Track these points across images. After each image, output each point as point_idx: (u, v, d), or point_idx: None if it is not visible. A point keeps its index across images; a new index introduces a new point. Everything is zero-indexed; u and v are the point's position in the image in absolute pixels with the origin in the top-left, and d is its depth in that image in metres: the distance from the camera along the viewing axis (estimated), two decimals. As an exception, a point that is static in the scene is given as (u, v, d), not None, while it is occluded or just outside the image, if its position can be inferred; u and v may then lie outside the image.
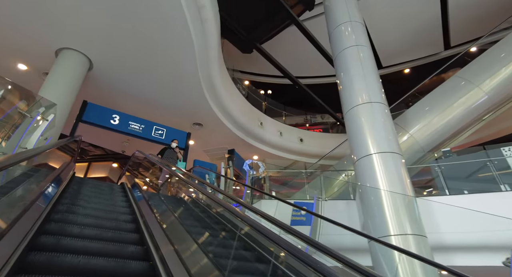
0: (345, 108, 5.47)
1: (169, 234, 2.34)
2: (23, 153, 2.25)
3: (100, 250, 2.00)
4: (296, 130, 11.75)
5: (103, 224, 2.58)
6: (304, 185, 8.56)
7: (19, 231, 1.59)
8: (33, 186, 2.71)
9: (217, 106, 8.79)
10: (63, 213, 2.59)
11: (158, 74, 7.32)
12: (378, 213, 4.22)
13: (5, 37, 6.23)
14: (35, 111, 4.11)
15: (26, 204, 1.89)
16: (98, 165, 14.65)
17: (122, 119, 7.64)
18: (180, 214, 3.71)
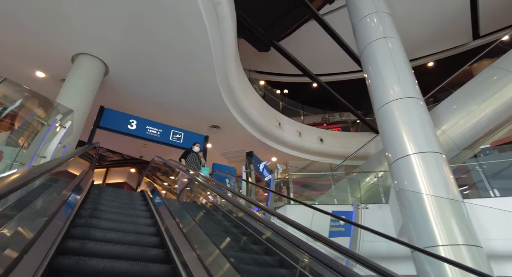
0: (376, 105, 5.07)
1: (201, 254, 2.09)
2: (48, 164, 2.07)
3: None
4: (315, 130, 11.34)
5: (127, 239, 2.35)
6: (327, 187, 8.18)
7: (48, 236, 1.68)
8: (55, 195, 2.70)
9: (235, 108, 8.53)
10: (83, 227, 2.36)
11: (175, 76, 7.12)
12: (421, 220, 3.80)
13: (23, 45, 6.18)
14: (52, 118, 3.95)
15: (51, 213, 1.96)
16: (116, 171, 14.71)
17: (140, 124, 7.49)
18: (210, 224, 3.44)
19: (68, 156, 3.91)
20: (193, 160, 6.60)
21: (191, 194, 4.88)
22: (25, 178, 1.31)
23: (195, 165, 6.52)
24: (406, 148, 4.32)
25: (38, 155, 4.22)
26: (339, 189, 7.61)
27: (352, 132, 12.35)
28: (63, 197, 2.50)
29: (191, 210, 3.90)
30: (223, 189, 3.93)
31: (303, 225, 2.20)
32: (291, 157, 10.60)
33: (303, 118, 12.70)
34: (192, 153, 6.77)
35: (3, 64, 6.69)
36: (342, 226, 4.00)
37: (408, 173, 4.23)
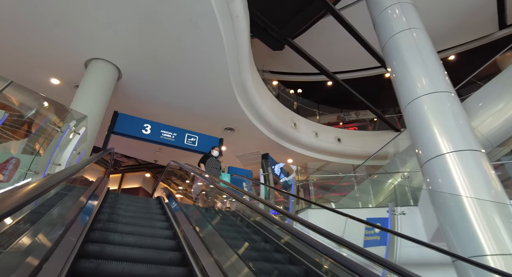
0: (403, 101, 4.72)
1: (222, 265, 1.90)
2: (65, 171, 1.95)
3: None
4: (332, 129, 10.98)
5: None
6: (347, 189, 7.82)
7: (69, 240, 1.74)
8: (73, 201, 2.68)
9: (249, 109, 8.31)
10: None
11: (188, 79, 6.97)
12: (463, 226, 3.44)
13: (38, 52, 6.17)
14: (65, 124, 3.82)
15: (70, 218, 2.01)
16: (131, 176, 14.76)
17: (154, 128, 7.37)
18: (231, 232, 3.22)
19: (83, 163, 3.76)
20: (212, 165, 6.15)
21: (208, 198, 4.66)
22: (44, 186, 1.23)
23: (215, 170, 6.08)
24: (440, 147, 3.97)
25: (53, 163, 4.11)
26: (361, 191, 7.25)
27: (370, 130, 11.90)
28: (80, 204, 2.49)
29: (213, 218, 3.70)
30: (243, 195, 3.71)
31: (346, 240, 1.92)
32: (308, 159, 10.29)
33: (319, 117, 12.34)
34: (211, 158, 6.34)
35: (20, 72, 6.71)
36: (377, 234, 3.68)
37: (443, 174, 3.88)
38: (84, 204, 2.57)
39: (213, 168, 6.08)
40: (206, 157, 6.33)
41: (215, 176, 5.73)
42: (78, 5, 5.09)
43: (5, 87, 2.88)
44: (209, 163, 6.14)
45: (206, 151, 8.00)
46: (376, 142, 10.72)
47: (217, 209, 4.77)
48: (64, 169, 4.04)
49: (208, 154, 6.51)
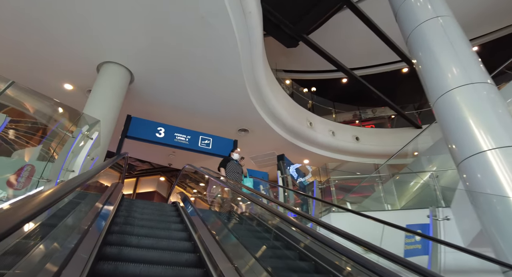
0: (432, 95, 4.36)
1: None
2: (81, 177, 1.87)
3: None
4: (349, 128, 10.60)
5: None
6: (369, 189, 7.44)
7: (89, 243, 1.81)
8: (89, 207, 2.67)
9: (263, 109, 8.06)
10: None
11: (201, 80, 6.80)
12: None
13: (51, 57, 6.14)
14: (77, 129, 3.68)
15: (87, 223, 2.05)
16: (146, 180, 14.76)
17: (168, 131, 7.23)
18: (253, 239, 2.97)
19: (99, 168, 3.60)
20: (233, 170, 5.61)
21: (229, 206, 4.37)
22: (62, 191, 1.20)
23: (237, 175, 5.56)
24: (480, 144, 3.59)
25: (66, 169, 3.98)
26: (384, 192, 6.87)
27: (389, 128, 11.43)
28: (93, 214, 2.40)
29: (239, 228, 3.47)
30: (268, 201, 3.46)
31: (387, 251, 1.65)
32: (325, 159, 9.94)
33: (335, 116, 11.96)
34: (232, 161, 5.77)
35: (34, 79, 6.70)
36: (418, 242, 3.33)
37: (484, 173, 3.51)
38: (97, 215, 2.38)
39: (234, 173, 5.55)
40: (226, 161, 5.77)
41: (237, 181, 5.27)
42: (89, 7, 4.99)
43: (6, 87, 2.73)
44: (229, 167, 5.61)
45: (220, 154, 7.82)
46: (395, 139, 10.28)
47: (239, 215, 4.54)
48: (80, 174, 3.90)
49: (228, 157, 5.94)
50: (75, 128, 3.66)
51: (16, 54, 6.10)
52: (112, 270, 1.84)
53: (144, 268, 1.88)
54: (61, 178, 3.49)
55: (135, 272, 1.85)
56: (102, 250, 2.05)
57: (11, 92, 6.36)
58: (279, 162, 7.82)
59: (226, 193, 4.24)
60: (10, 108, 7.97)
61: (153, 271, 1.89)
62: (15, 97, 5.97)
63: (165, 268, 1.92)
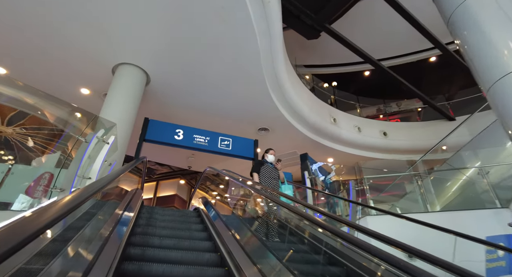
0: (485, 80, 3.79)
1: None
2: (99, 182, 1.77)
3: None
4: (376, 123, 9.98)
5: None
6: (401, 188, 6.85)
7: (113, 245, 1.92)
8: (110, 212, 2.60)
9: (284, 106, 7.64)
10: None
11: (219, 78, 6.49)
12: None
13: (66, 62, 6.03)
14: (91, 133, 3.41)
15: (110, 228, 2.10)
16: (165, 184, 14.68)
17: (186, 133, 6.95)
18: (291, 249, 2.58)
19: (115, 174, 3.32)
20: (269, 175, 4.44)
21: (262, 218, 3.81)
22: (83, 195, 1.19)
23: (273, 182, 4.43)
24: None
25: (83, 177, 3.73)
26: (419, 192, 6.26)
27: (419, 121, 10.68)
28: (109, 226, 2.24)
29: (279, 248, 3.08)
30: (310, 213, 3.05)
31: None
32: (350, 157, 9.39)
33: (359, 111, 11.34)
34: (267, 165, 4.58)
35: (51, 85, 6.62)
36: (501, 258, 2.76)
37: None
38: (109, 235, 2.06)
39: (270, 179, 4.40)
40: (259, 164, 4.61)
41: (273, 188, 4.22)
42: (102, 7, 4.78)
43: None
44: (264, 172, 4.45)
45: (241, 155, 7.46)
46: (426, 133, 9.58)
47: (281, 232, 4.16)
48: (97, 180, 3.65)
49: (261, 161, 4.77)
50: (88, 132, 3.39)
51: (32, 59, 6.02)
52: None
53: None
54: (76, 187, 3.23)
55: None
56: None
57: (31, 100, 6.29)
58: (304, 162, 7.36)
59: (260, 206, 3.50)
60: (31, 115, 7.96)
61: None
62: (35, 104, 5.87)
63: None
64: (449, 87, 12.35)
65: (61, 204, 0.96)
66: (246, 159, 7.54)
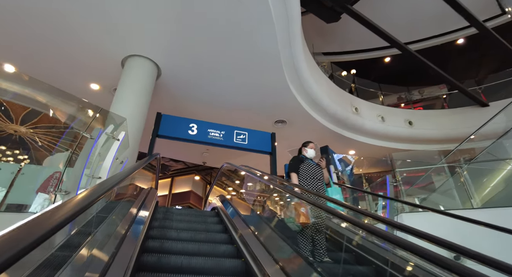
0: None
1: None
2: (112, 179, 1.59)
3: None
4: (400, 111, 9.36)
5: None
6: (430, 181, 6.29)
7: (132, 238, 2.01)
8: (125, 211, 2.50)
9: (303, 96, 7.18)
10: None
11: (233, 69, 6.10)
12: None
13: (75, 56, 5.78)
14: (96, 129, 3.09)
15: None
16: (180, 180, 14.52)
17: (200, 128, 6.61)
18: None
19: (126, 173, 3.00)
20: (311, 174, 3.33)
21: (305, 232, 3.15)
22: (89, 198, 1.04)
23: (318, 184, 3.30)
24: None
25: (92, 176, 3.43)
26: (455, 185, 5.70)
27: (447, 108, 9.96)
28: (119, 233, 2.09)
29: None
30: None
31: None
32: (373, 148, 8.85)
33: (382, 99, 10.70)
34: (307, 162, 3.46)
35: (60, 80, 6.40)
36: None
37: None
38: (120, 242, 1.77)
39: (313, 180, 3.30)
40: (298, 161, 3.51)
41: (318, 191, 3.22)
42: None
43: None
44: (305, 172, 3.37)
45: (257, 149, 7.06)
46: (456, 121, 8.89)
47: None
48: (108, 178, 3.36)
49: (299, 157, 3.62)
50: (95, 127, 3.07)
51: (39, 54, 5.79)
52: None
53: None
54: (84, 187, 2.93)
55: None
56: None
57: (40, 97, 6.08)
58: (327, 155, 6.89)
59: (305, 216, 2.53)
60: (44, 114, 7.79)
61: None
62: (41, 99, 5.65)
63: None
64: (477, 71, 11.50)
65: (73, 203, 0.92)
66: (263, 154, 7.15)
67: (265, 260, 1.99)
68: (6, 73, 5.25)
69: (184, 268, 2.09)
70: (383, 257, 2.29)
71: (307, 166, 3.40)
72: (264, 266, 1.90)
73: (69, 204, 0.89)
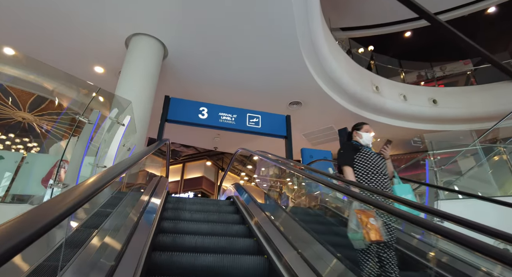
0: None
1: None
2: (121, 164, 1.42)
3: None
4: (423, 89, 8.71)
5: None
6: (461, 164, 5.77)
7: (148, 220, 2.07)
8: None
9: (321, 74, 6.64)
10: None
11: (246, 45, 5.61)
12: None
13: (76, 35, 5.39)
14: (94, 111, 2.73)
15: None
16: (192, 165, 14.35)
17: (211, 111, 6.21)
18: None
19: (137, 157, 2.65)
20: (373, 168, 2.40)
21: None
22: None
23: (383, 180, 2.37)
24: None
25: (96, 165, 3.12)
26: (492, 169, 5.18)
27: (475, 85, 9.21)
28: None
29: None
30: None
31: None
32: (395, 129, 8.31)
33: (403, 76, 10.00)
34: (365, 151, 2.51)
35: (63, 63, 6.07)
36: None
37: None
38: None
39: (376, 175, 2.38)
40: (352, 150, 2.55)
41: (384, 189, 2.34)
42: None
43: None
44: (363, 163, 2.44)
45: (271, 133, 6.63)
46: (487, 98, 8.20)
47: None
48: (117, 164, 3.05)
49: (352, 143, 2.66)
50: (98, 111, 2.71)
51: (40, 36, 5.43)
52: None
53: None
54: (83, 178, 2.61)
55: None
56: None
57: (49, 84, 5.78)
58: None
59: (377, 231, 1.76)
60: (50, 100, 7.52)
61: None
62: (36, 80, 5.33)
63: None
64: (508, 42, 10.57)
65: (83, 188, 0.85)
66: (277, 138, 6.74)
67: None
68: (5, 56, 4.94)
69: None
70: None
71: (365, 156, 2.44)
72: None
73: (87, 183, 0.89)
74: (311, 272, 1.55)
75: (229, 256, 1.90)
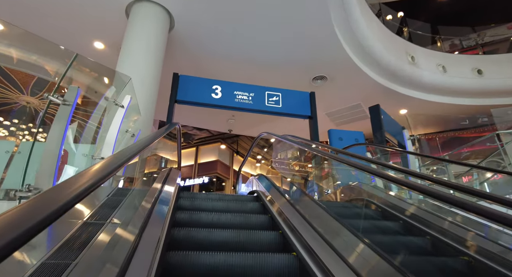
0: None
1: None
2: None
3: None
4: (465, 58, 7.63)
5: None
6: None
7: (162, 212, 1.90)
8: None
9: (351, 43, 5.73)
10: None
11: (263, 14, 4.76)
12: None
13: (72, 8, 4.68)
14: (72, 88, 2.03)
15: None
16: (206, 149, 13.82)
17: (226, 90, 5.46)
18: None
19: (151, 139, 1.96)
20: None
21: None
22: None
23: None
24: None
25: (92, 157, 2.50)
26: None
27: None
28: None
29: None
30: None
31: None
32: (430, 105, 7.38)
33: (439, 44, 8.87)
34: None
35: (59, 39, 5.41)
36: None
37: None
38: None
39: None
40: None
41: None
42: None
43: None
44: None
45: (294, 113, 5.83)
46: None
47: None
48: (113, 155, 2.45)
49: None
50: (76, 86, 2.02)
51: (35, 10, 4.74)
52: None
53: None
54: (64, 176, 1.99)
55: None
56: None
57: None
58: (377, 117, 5.62)
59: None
60: (51, 82, 6.92)
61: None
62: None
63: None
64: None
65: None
66: (300, 118, 5.96)
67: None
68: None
69: None
70: None
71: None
72: None
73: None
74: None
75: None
